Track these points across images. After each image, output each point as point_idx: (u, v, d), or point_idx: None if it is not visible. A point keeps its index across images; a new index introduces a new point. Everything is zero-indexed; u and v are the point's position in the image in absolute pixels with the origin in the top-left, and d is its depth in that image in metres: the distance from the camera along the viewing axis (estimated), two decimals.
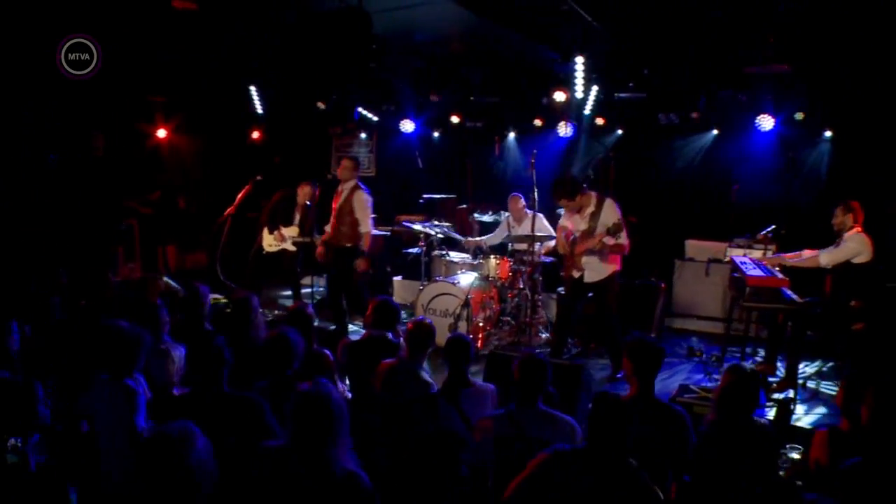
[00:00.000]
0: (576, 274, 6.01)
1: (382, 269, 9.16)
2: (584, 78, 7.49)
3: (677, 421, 3.68)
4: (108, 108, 8.56)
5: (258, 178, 8.51)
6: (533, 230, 7.36)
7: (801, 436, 4.31)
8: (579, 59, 7.15)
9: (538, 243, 6.97)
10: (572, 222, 6.04)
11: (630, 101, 8.77)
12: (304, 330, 4.69)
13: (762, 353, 6.40)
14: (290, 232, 8.03)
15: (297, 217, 8.10)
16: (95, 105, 8.41)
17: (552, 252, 7.43)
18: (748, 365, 5.91)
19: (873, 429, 3.02)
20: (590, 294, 6.08)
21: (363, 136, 11.68)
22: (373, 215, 7.03)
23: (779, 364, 5.97)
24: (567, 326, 6.16)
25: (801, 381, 5.67)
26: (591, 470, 2.90)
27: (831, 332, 5.49)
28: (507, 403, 3.71)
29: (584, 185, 5.98)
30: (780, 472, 3.65)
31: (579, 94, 7.84)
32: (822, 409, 5.36)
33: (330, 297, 7.24)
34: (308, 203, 8.08)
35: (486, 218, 8.95)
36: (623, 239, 5.72)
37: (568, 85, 8.45)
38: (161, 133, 9.76)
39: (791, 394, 5.36)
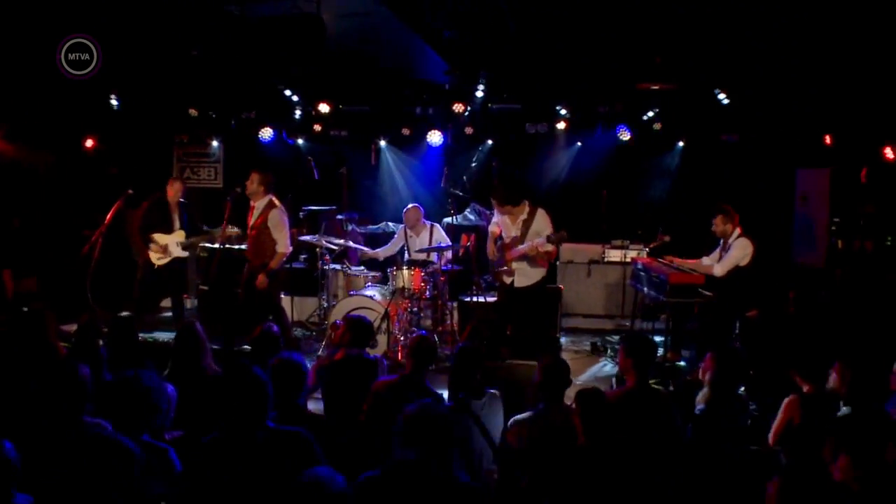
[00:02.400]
0: (507, 280, 6.45)
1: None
2: (483, 91, 7.98)
3: (670, 405, 4.26)
4: None
5: (129, 192, 8.00)
6: (431, 241, 7.77)
7: None
8: (482, 74, 7.62)
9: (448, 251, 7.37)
10: (503, 227, 6.46)
11: (501, 111, 9.50)
12: (273, 353, 4.65)
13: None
14: (177, 237, 7.72)
15: (177, 219, 7.78)
16: None
17: (459, 259, 7.84)
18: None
19: (851, 390, 3.80)
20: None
21: (215, 144, 11.23)
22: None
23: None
24: (503, 333, 6.57)
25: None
26: (596, 464, 3.34)
27: (730, 321, 6.45)
28: None
29: (518, 194, 6.42)
30: None
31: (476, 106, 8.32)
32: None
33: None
34: (182, 200, 7.81)
35: (372, 228, 9.13)
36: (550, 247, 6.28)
37: (449, 95, 8.99)
38: None
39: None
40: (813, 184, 8.04)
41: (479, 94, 8.14)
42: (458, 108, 8.52)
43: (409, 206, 8.04)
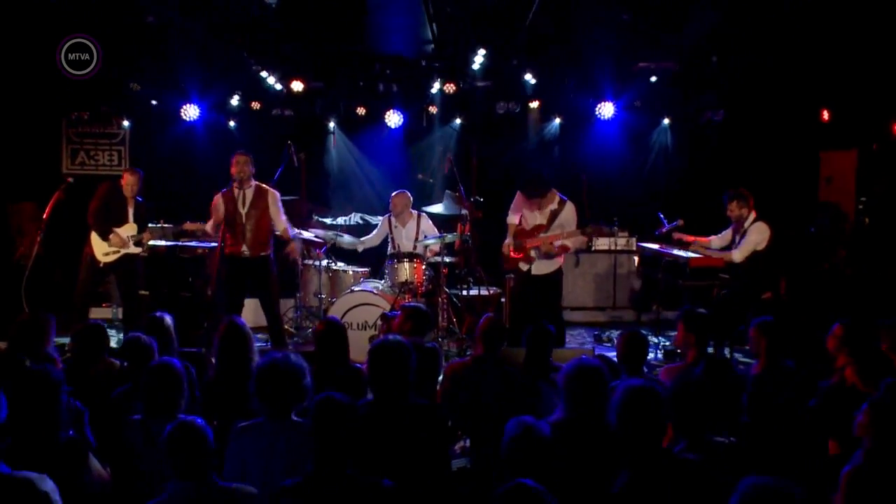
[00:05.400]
0: (524, 267, 7.64)
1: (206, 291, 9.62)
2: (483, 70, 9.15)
3: (730, 374, 5.58)
4: None
5: (69, 180, 8.52)
6: (418, 232, 8.81)
7: None
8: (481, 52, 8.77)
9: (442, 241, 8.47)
10: (527, 217, 7.63)
11: (469, 90, 10.65)
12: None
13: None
14: (128, 230, 8.25)
15: (131, 213, 8.32)
16: None
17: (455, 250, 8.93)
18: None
19: None
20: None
21: (126, 123, 11.52)
22: None
23: None
24: (520, 321, 7.72)
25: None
26: None
27: (746, 303, 7.90)
28: None
29: (547, 183, 7.57)
30: None
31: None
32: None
33: (267, 314, 7.85)
34: (139, 198, 8.38)
35: (339, 220, 10.04)
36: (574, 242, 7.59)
37: (426, 71, 10.08)
38: None
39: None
40: (839, 166, 9.84)
41: (477, 66, 9.22)
42: (449, 87, 9.59)
43: (397, 191, 8.95)
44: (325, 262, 8.88)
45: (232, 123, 11.51)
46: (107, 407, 4.86)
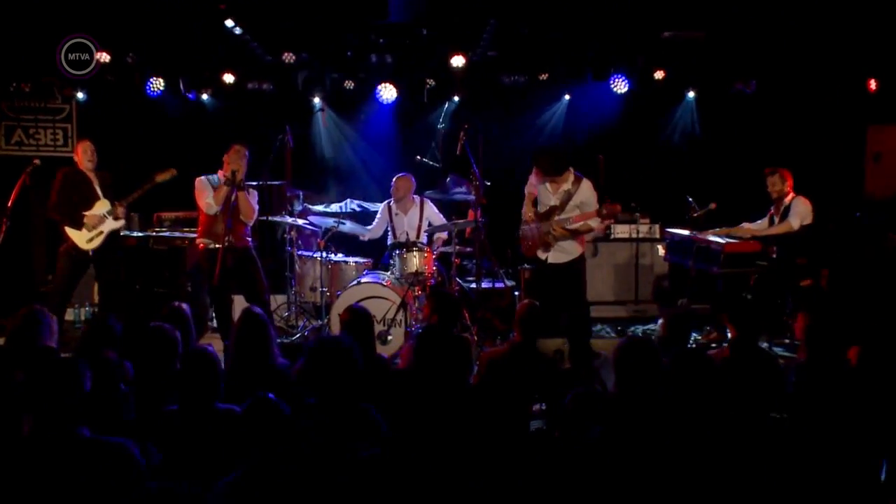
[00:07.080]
0: (541, 255, 8.32)
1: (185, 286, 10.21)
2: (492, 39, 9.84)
3: (774, 364, 6.36)
4: None
5: (36, 162, 8.95)
6: (421, 220, 9.50)
7: None
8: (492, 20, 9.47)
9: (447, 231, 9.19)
10: (542, 194, 8.27)
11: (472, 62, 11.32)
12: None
13: None
14: (101, 207, 8.73)
15: (98, 189, 8.80)
16: None
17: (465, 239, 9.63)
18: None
19: None
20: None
21: (81, 96, 11.56)
22: None
23: None
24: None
25: None
26: None
27: (783, 291, 8.71)
28: None
29: (563, 163, 8.27)
30: None
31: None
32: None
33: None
34: (94, 168, 8.83)
35: (333, 207, 10.65)
36: (597, 223, 8.31)
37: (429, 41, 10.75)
38: None
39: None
40: (889, 142, 10.70)
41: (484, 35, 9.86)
42: (458, 61, 10.29)
43: (399, 174, 9.55)
44: (307, 253, 9.51)
45: (205, 97, 11.87)
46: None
